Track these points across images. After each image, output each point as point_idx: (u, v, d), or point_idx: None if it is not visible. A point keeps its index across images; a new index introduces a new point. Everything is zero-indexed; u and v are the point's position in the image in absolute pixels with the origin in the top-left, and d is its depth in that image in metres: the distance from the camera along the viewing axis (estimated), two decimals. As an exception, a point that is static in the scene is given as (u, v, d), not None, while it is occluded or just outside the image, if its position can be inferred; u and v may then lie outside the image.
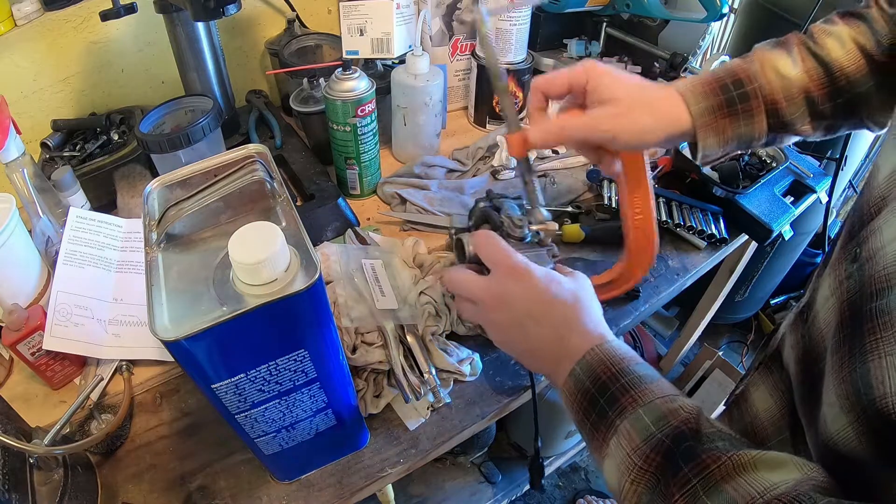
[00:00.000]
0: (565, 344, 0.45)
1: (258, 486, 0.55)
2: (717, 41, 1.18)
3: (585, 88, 0.49)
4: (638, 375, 0.40)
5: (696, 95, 0.49)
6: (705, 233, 0.77)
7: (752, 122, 0.50)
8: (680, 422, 0.36)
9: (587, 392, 0.41)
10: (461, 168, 0.90)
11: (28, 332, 0.57)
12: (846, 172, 1.30)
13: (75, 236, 0.65)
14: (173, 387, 0.63)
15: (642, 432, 0.37)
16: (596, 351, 0.42)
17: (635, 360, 0.42)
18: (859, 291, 0.35)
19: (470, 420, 0.60)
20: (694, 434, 0.36)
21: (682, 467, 0.34)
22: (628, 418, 0.38)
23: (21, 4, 0.71)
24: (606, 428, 0.39)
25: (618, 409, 0.39)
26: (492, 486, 1.39)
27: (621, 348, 0.43)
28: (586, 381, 0.42)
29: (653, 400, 0.38)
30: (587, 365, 0.42)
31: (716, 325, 1.76)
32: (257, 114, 0.94)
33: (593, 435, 0.41)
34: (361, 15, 0.83)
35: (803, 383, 0.43)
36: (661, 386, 0.40)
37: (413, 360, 0.59)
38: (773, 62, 0.51)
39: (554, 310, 0.46)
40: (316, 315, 0.39)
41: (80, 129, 0.86)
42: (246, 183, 0.42)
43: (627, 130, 0.47)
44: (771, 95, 0.50)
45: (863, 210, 0.39)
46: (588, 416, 0.41)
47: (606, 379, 0.41)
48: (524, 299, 0.46)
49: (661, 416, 0.37)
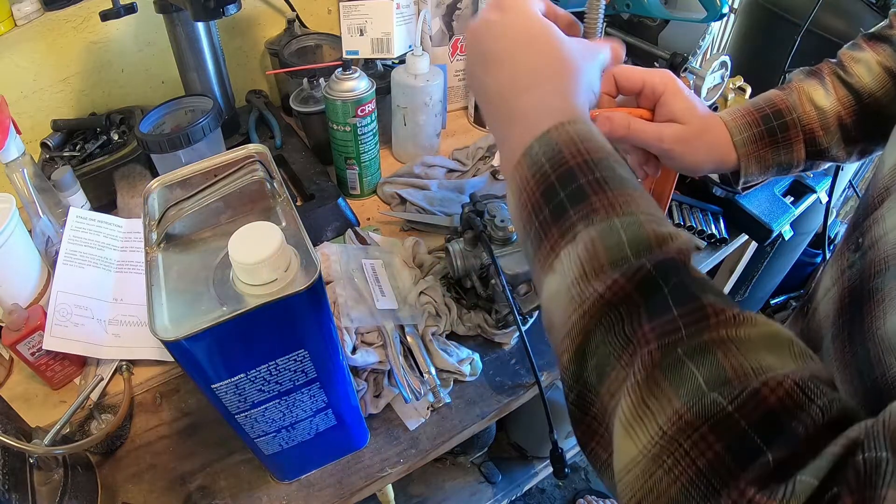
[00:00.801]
0: (528, 104, 0.34)
1: (258, 486, 0.55)
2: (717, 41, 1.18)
3: (659, 98, 0.49)
4: (619, 175, 0.30)
5: (738, 126, 0.52)
6: (705, 233, 0.77)
7: (792, 151, 0.52)
8: (670, 250, 0.27)
9: (543, 178, 0.30)
10: (461, 168, 0.90)
11: (28, 332, 0.57)
12: (846, 172, 1.30)
13: (75, 236, 0.65)
14: (173, 387, 0.63)
15: (612, 250, 0.27)
16: (567, 128, 0.31)
17: (616, 158, 0.31)
18: (860, 277, 0.33)
19: (470, 420, 0.60)
20: (685, 270, 0.27)
21: (670, 308, 0.25)
22: (596, 225, 0.28)
23: (21, 4, 0.71)
24: (561, 232, 0.29)
25: (583, 210, 0.28)
26: (492, 486, 1.39)
27: (602, 137, 0.32)
28: (545, 164, 0.31)
29: (635, 213, 0.28)
30: (551, 143, 0.31)
31: (716, 325, 1.76)
32: (257, 114, 0.94)
33: (539, 240, 0.30)
34: (361, 15, 0.83)
35: None
36: (649, 202, 0.30)
37: (413, 360, 0.59)
38: (808, 93, 0.53)
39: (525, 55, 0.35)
40: (316, 315, 0.39)
41: (80, 129, 0.86)
42: (246, 183, 0.42)
43: (686, 156, 0.49)
44: (809, 125, 0.52)
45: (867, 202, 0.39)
46: (537, 211, 0.30)
47: (575, 165, 0.30)
48: (497, 34, 0.37)
49: (643, 237, 0.27)
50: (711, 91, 0.80)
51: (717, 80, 0.80)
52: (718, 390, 0.22)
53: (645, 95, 0.50)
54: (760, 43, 1.12)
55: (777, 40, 1.04)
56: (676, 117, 0.49)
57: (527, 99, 0.34)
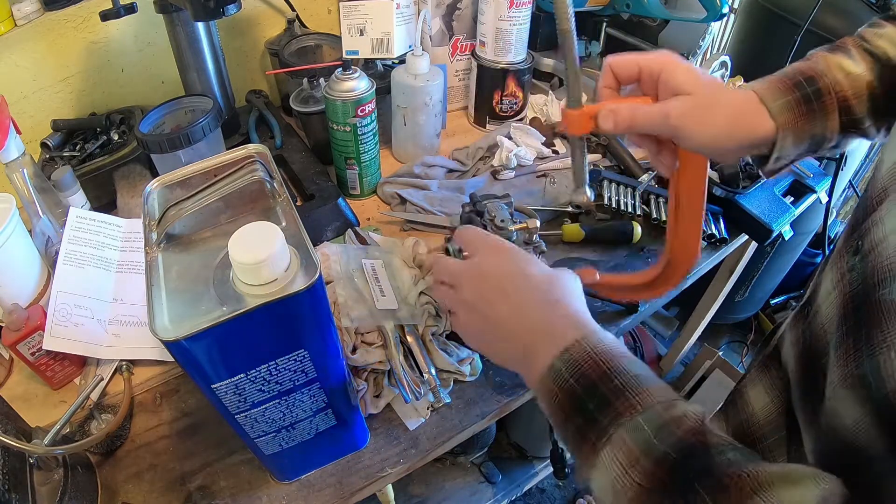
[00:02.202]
0: (543, 329, 0.39)
1: (258, 486, 0.55)
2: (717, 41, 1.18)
3: (658, 78, 0.46)
4: (633, 375, 0.35)
5: (772, 92, 0.47)
6: (705, 233, 0.77)
7: (826, 121, 0.48)
8: (686, 432, 0.32)
9: (571, 392, 0.36)
10: (461, 168, 0.90)
11: (28, 332, 0.57)
12: (846, 172, 1.30)
13: (75, 236, 0.65)
14: (173, 387, 0.63)
15: (642, 444, 0.32)
16: (582, 343, 0.37)
17: (628, 357, 0.37)
18: (862, 283, 0.33)
19: (470, 420, 0.60)
20: (704, 447, 0.31)
21: (696, 489, 0.30)
22: (625, 426, 0.33)
23: (21, 4, 0.71)
24: (597, 436, 0.34)
25: (611, 416, 0.34)
26: (492, 486, 1.39)
27: (610, 341, 0.38)
28: (570, 379, 0.36)
29: (652, 405, 0.33)
30: (571, 359, 0.36)
31: (716, 325, 1.76)
32: (257, 114, 0.94)
33: (578, 443, 0.35)
34: (361, 15, 0.83)
35: (803, 380, 0.41)
36: (660, 388, 0.35)
37: (413, 360, 0.59)
38: (836, 61, 0.49)
39: (529, 285, 0.41)
40: (316, 315, 0.39)
41: (80, 129, 0.86)
42: (246, 183, 0.42)
43: (701, 130, 0.45)
44: (842, 92, 0.48)
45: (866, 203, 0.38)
46: (571, 419, 0.36)
47: (596, 378, 0.35)
48: (498, 273, 0.43)
49: (663, 424, 0.32)
50: (711, 91, 0.80)
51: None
52: None
53: (644, 81, 0.48)
54: (760, 43, 1.12)
55: (777, 40, 1.04)
56: (680, 90, 0.45)
57: (539, 323, 0.40)
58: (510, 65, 0.92)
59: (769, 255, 1.44)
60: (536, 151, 0.92)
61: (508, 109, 0.97)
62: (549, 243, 0.79)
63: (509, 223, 0.53)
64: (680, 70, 0.45)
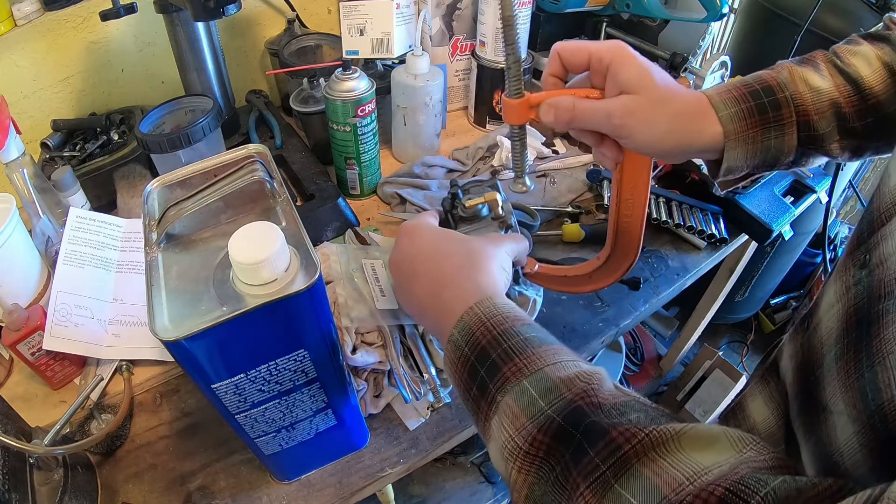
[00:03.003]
0: (448, 303, 0.39)
1: (258, 486, 0.55)
2: (717, 41, 1.18)
3: (607, 70, 0.43)
4: (524, 338, 0.33)
5: (724, 100, 0.45)
6: (705, 233, 0.77)
7: (783, 135, 0.46)
8: (575, 394, 0.30)
9: (465, 360, 0.34)
10: (461, 168, 0.90)
11: (28, 332, 0.57)
12: (846, 172, 1.30)
13: (75, 236, 0.65)
14: (173, 387, 0.63)
15: (527, 409, 0.30)
16: (475, 309, 0.36)
17: (522, 320, 0.35)
18: (867, 297, 0.32)
19: (470, 420, 0.60)
20: (595, 407, 0.29)
21: (586, 450, 0.27)
22: (511, 392, 0.31)
23: (21, 4, 0.71)
24: (488, 405, 0.33)
25: (499, 381, 0.32)
26: (492, 486, 1.39)
27: (506, 306, 0.36)
28: (464, 347, 0.35)
29: (541, 368, 0.32)
30: (465, 327, 0.35)
31: (716, 325, 1.76)
32: (257, 114, 0.94)
33: (476, 413, 0.34)
34: (361, 15, 0.83)
35: (800, 394, 0.40)
36: (553, 350, 0.33)
37: (413, 360, 0.59)
38: (801, 74, 0.48)
39: (434, 264, 0.42)
40: (316, 315, 0.39)
41: (80, 129, 0.86)
42: (246, 183, 0.42)
43: (643, 131, 0.43)
44: (802, 106, 0.46)
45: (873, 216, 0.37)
46: (469, 390, 0.34)
47: (486, 343, 0.34)
48: (409, 256, 0.44)
49: (551, 387, 0.31)
50: (711, 91, 0.80)
51: (717, 80, 0.80)
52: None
53: (594, 70, 0.45)
54: (760, 43, 1.12)
55: (777, 40, 1.04)
56: (627, 88, 0.42)
57: (447, 294, 0.39)
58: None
59: (769, 255, 1.44)
60: (536, 151, 0.92)
61: (508, 109, 0.97)
62: (549, 243, 0.79)
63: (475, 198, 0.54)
64: (630, 65, 0.43)
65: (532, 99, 0.45)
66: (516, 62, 0.44)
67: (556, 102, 0.45)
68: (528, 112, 0.46)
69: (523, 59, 0.94)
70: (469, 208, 0.55)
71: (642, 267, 0.76)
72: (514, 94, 0.45)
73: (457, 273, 0.40)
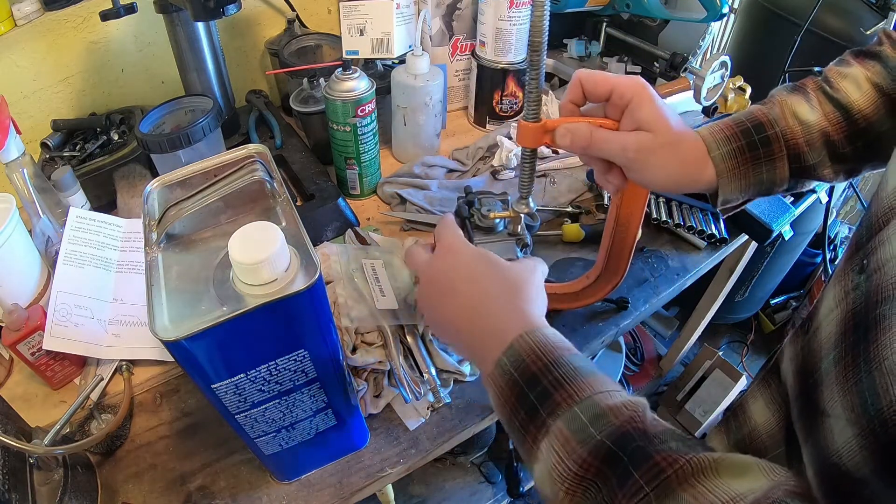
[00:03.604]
0: (491, 327, 0.40)
1: (258, 486, 0.55)
2: (717, 41, 1.18)
3: (626, 105, 0.46)
4: (574, 367, 0.36)
5: (716, 140, 0.48)
6: (705, 233, 0.77)
7: (774, 168, 0.49)
8: (623, 420, 0.32)
9: (515, 385, 0.37)
10: (461, 168, 0.90)
11: (28, 332, 0.57)
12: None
13: (75, 236, 0.65)
14: (173, 387, 0.63)
15: (578, 433, 0.32)
16: (526, 338, 0.38)
17: (570, 351, 0.38)
18: (865, 301, 0.33)
19: (470, 420, 0.60)
20: (641, 434, 0.31)
21: (631, 473, 0.30)
22: (562, 417, 0.33)
23: (21, 4, 0.71)
24: (537, 428, 0.35)
25: (550, 407, 0.34)
26: (492, 486, 1.39)
27: (555, 337, 0.38)
28: (513, 373, 0.37)
29: (590, 395, 0.34)
30: (515, 354, 0.37)
31: (716, 325, 1.76)
32: (257, 114, 0.94)
33: (523, 436, 0.36)
34: (361, 15, 0.83)
35: (800, 397, 0.41)
36: (600, 380, 0.35)
37: (413, 360, 0.59)
38: (791, 107, 0.50)
39: (479, 285, 0.42)
40: (316, 315, 0.39)
41: (80, 129, 0.86)
42: (246, 183, 0.42)
43: (652, 170, 0.46)
44: (793, 140, 0.49)
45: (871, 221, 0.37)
46: (516, 413, 0.36)
47: (537, 370, 0.36)
48: (450, 274, 0.44)
49: (600, 413, 0.33)
50: (711, 91, 0.80)
51: (717, 80, 0.80)
52: None
53: (613, 103, 0.47)
54: (760, 43, 1.12)
55: (777, 40, 1.04)
56: (643, 125, 0.45)
57: (491, 319, 0.41)
58: (510, 65, 0.92)
59: (769, 255, 1.44)
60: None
61: (508, 109, 0.97)
62: (549, 243, 0.79)
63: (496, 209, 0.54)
64: (649, 104, 0.45)
65: (548, 124, 0.46)
66: (537, 87, 0.45)
67: (573, 128, 0.46)
68: (543, 136, 0.47)
69: (522, 61, 0.94)
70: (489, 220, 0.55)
71: (642, 267, 0.76)
72: (531, 117, 0.46)
73: (502, 299, 0.41)
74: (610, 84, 0.46)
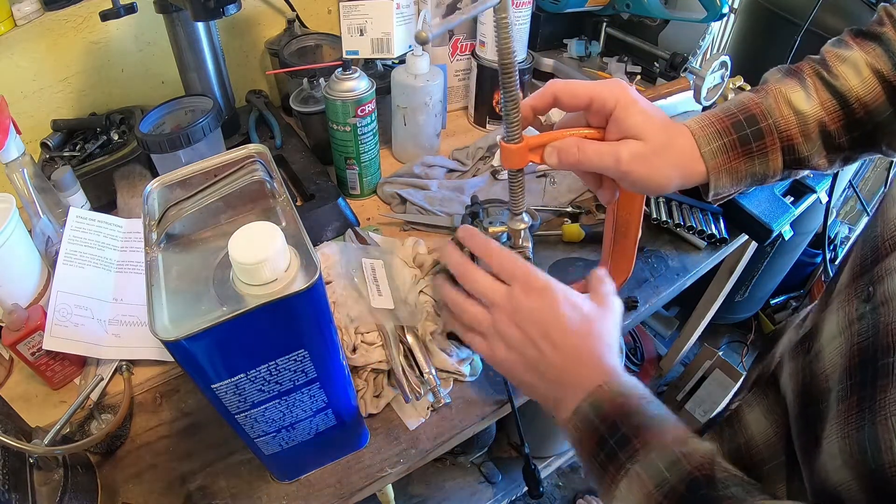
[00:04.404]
0: (573, 375, 0.42)
1: (258, 486, 0.55)
2: (717, 41, 1.18)
3: (610, 113, 0.44)
4: (649, 416, 0.39)
5: (706, 136, 0.47)
6: (705, 233, 0.77)
7: (767, 161, 0.48)
8: (694, 467, 0.35)
9: (595, 430, 0.40)
10: (461, 168, 0.90)
11: (28, 332, 0.57)
12: (846, 173, 1.30)
13: (75, 236, 0.65)
14: (173, 387, 0.63)
15: (655, 478, 0.36)
16: (605, 388, 0.40)
17: (647, 399, 0.40)
18: (872, 339, 0.33)
19: (470, 420, 0.60)
20: (708, 481, 0.35)
21: None
22: (640, 462, 0.37)
23: (21, 4, 0.71)
24: (616, 469, 0.38)
25: (629, 452, 0.38)
26: (492, 486, 1.39)
27: (630, 384, 0.41)
28: (595, 419, 0.40)
29: (666, 444, 0.37)
30: (596, 402, 0.40)
31: (716, 325, 1.76)
32: (257, 114, 0.94)
33: (601, 475, 0.39)
34: (361, 15, 0.83)
35: (800, 417, 0.41)
36: (673, 427, 0.38)
37: (413, 360, 0.59)
38: (787, 95, 0.48)
39: (569, 336, 0.43)
40: (316, 315, 0.39)
41: (80, 129, 0.86)
42: (246, 183, 0.42)
43: (648, 178, 0.45)
44: (787, 132, 0.47)
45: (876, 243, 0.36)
46: (596, 455, 0.40)
47: (616, 419, 0.39)
48: (541, 320, 0.43)
49: (675, 460, 0.36)
50: (711, 91, 0.80)
51: (717, 80, 0.80)
52: None
53: (594, 112, 0.45)
54: (760, 43, 1.12)
55: (777, 40, 1.04)
56: (633, 133, 0.44)
57: (581, 370, 0.42)
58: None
59: (769, 255, 1.44)
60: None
61: (508, 109, 0.97)
62: (549, 243, 0.79)
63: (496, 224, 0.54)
64: (635, 110, 0.44)
65: (531, 142, 0.45)
66: (515, 108, 0.43)
67: (560, 146, 0.45)
68: (528, 155, 0.45)
69: (522, 61, 0.94)
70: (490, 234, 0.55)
71: (642, 267, 0.76)
72: (512, 139, 0.44)
73: (594, 352, 0.43)
74: (589, 93, 0.44)
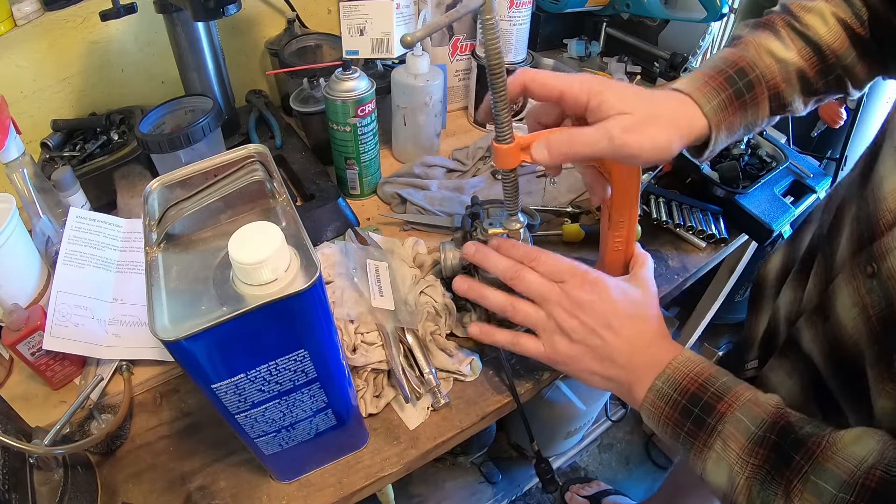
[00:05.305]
0: (641, 356, 0.47)
1: (258, 486, 0.55)
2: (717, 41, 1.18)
3: (587, 106, 0.44)
4: (721, 381, 0.43)
5: (705, 94, 0.47)
6: (705, 233, 0.77)
7: (758, 110, 0.50)
8: (771, 416, 0.40)
9: (677, 404, 0.44)
10: (461, 168, 0.90)
11: (28, 332, 0.57)
12: (846, 172, 1.30)
13: (75, 236, 0.65)
14: (173, 387, 0.63)
15: (745, 432, 0.40)
16: (675, 364, 0.45)
17: (713, 366, 0.45)
18: (887, 307, 0.38)
19: (470, 420, 0.60)
20: (789, 425, 0.40)
21: (793, 457, 0.38)
22: (729, 421, 0.41)
23: (21, 4, 0.71)
24: (707, 434, 0.42)
25: (716, 416, 0.42)
26: (492, 486, 1.39)
27: (694, 357, 0.46)
28: (673, 394, 0.44)
29: (744, 401, 0.42)
30: (671, 378, 0.45)
31: (716, 325, 1.76)
32: (257, 114, 0.94)
33: (690, 442, 0.43)
34: (361, 15, 0.83)
35: (836, 376, 0.46)
36: (743, 387, 0.43)
37: (413, 360, 0.59)
38: (766, 46, 0.50)
39: (629, 322, 0.48)
40: (316, 315, 0.39)
41: (80, 129, 0.86)
42: (246, 183, 0.42)
43: (648, 145, 0.44)
44: (772, 80, 0.49)
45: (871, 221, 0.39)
46: (681, 426, 0.44)
47: (696, 390, 0.43)
48: (601, 310, 0.48)
49: (756, 414, 0.41)
50: (711, 91, 0.80)
51: (717, 80, 0.80)
52: (844, 491, 0.35)
53: (569, 106, 0.46)
54: (760, 43, 1.11)
55: (777, 40, 1.03)
56: (616, 112, 0.43)
57: (641, 352, 0.47)
58: (510, 65, 0.92)
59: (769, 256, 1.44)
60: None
61: (508, 109, 0.97)
62: (549, 243, 0.79)
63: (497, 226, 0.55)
64: (608, 94, 0.44)
65: (522, 141, 0.45)
66: (504, 108, 0.43)
67: (549, 139, 0.44)
68: (520, 154, 0.46)
69: (522, 61, 0.94)
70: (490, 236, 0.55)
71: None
72: (503, 139, 0.44)
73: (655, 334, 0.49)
74: (559, 87, 0.45)
